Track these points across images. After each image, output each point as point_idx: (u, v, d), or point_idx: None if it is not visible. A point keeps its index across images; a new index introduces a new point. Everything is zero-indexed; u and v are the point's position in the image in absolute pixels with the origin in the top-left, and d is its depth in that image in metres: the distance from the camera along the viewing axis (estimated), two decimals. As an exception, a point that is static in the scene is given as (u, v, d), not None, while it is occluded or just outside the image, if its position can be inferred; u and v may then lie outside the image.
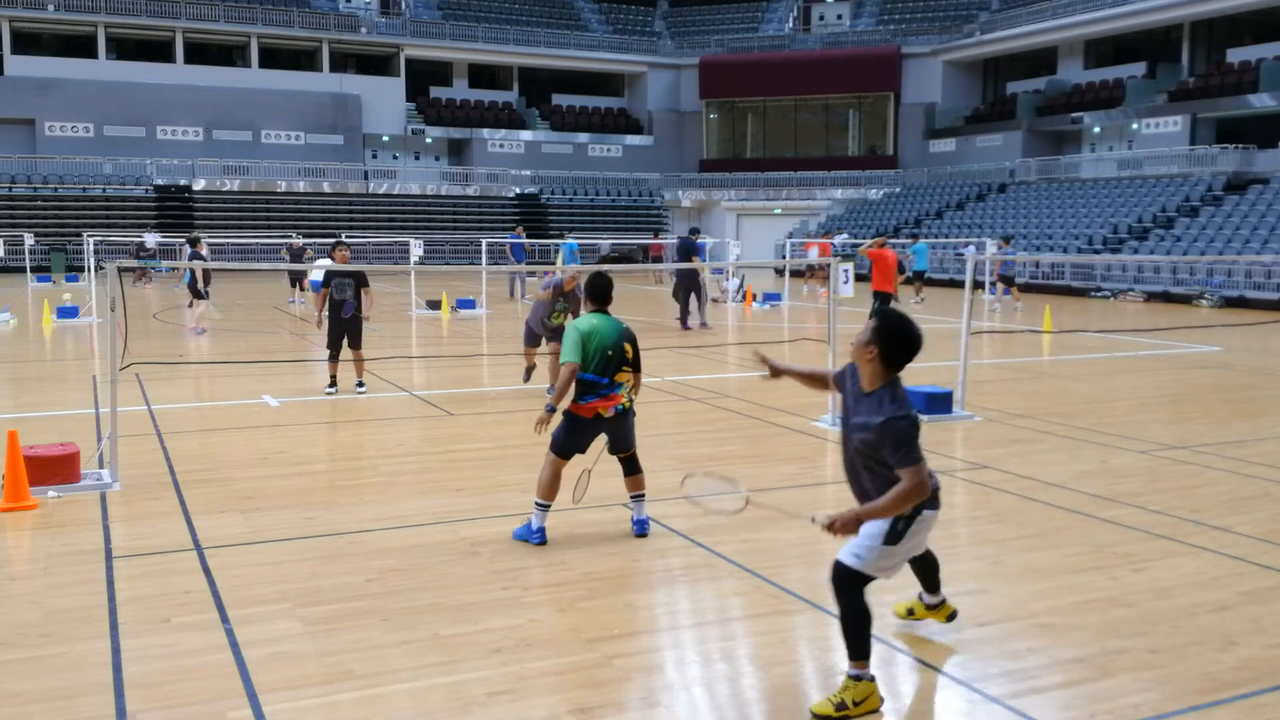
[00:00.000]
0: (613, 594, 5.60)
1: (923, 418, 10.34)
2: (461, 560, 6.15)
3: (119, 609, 5.33)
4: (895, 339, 4.22)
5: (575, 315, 12.50)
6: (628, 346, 6.40)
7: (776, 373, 4.92)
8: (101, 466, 8.12)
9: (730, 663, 4.76)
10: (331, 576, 5.86)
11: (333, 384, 12.15)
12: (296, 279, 27.25)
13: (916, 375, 13.55)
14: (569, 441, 6.39)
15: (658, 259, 41.76)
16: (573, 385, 6.32)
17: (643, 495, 6.64)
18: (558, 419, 6.41)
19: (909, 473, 4.12)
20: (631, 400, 6.48)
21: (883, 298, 16.12)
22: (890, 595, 5.29)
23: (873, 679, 4.27)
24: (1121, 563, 6.10)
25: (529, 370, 12.92)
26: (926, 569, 4.97)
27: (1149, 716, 4.21)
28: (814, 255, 32.28)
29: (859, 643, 4.26)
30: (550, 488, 6.37)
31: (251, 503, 7.42)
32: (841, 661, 4.79)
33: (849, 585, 4.29)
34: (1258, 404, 12.05)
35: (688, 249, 21.39)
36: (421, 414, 11.16)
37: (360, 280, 11.95)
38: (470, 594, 5.57)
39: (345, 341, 12.01)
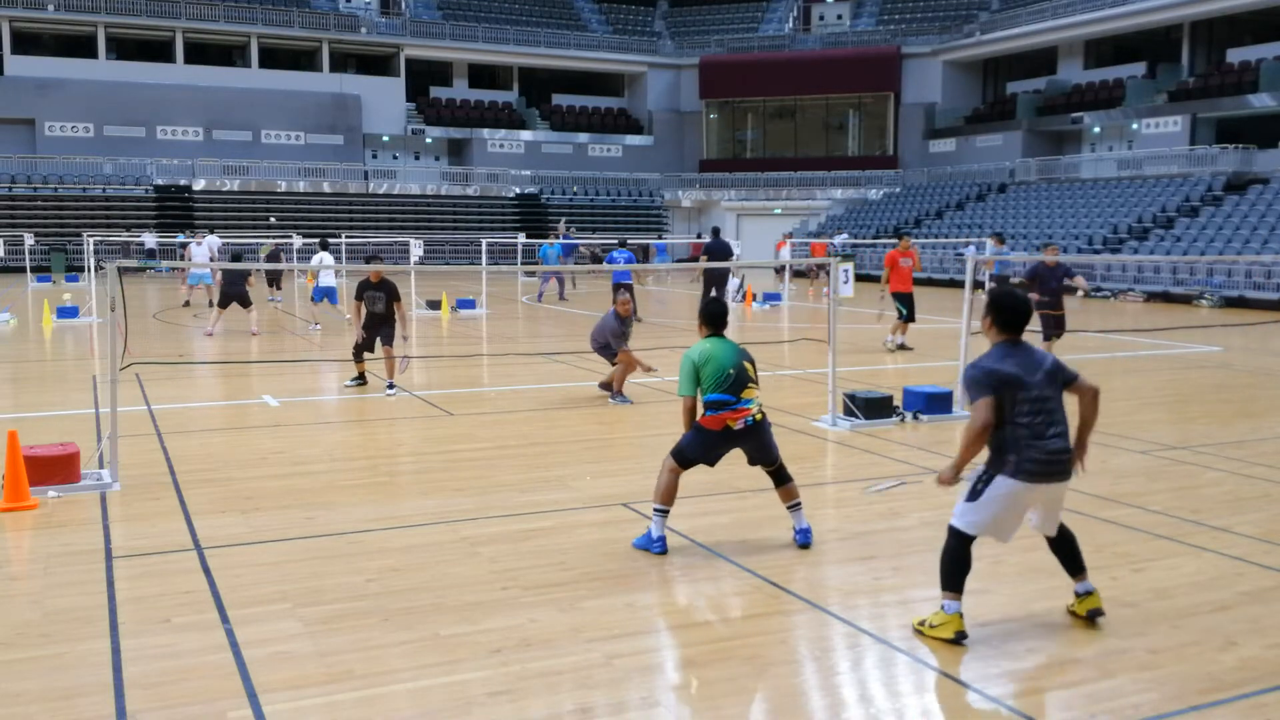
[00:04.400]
0: (613, 594, 5.60)
1: (923, 418, 10.43)
2: (461, 560, 6.15)
3: (119, 609, 5.33)
4: (1000, 309, 5.04)
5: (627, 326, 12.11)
6: (748, 365, 6.23)
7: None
8: (101, 466, 8.12)
9: (730, 663, 4.76)
10: (331, 576, 5.86)
11: (361, 378, 12.47)
12: (274, 279, 27.47)
13: (916, 375, 13.55)
14: (694, 452, 6.20)
15: (698, 259, 41.87)
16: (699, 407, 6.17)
17: (799, 504, 6.41)
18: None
19: (971, 407, 4.92)
20: (764, 413, 6.26)
21: (903, 298, 16.24)
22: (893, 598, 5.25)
23: (954, 612, 4.92)
24: (1121, 563, 6.10)
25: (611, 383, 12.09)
26: (1061, 551, 5.22)
27: (1149, 716, 4.21)
28: (785, 255, 32.22)
29: (946, 576, 5.00)
30: (669, 493, 6.19)
31: (251, 503, 7.42)
32: (842, 662, 4.80)
33: (956, 536, 5.05)
34: (1258, 404, 12.05)
35: (725, 251, 23.07)
36: (421, 414, 11.16)
37: (392, 293, 12.19)
38: (470, 594, 5.57)
39: (378, 341, 12.32)
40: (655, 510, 6.23)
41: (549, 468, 8.56)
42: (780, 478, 6.39)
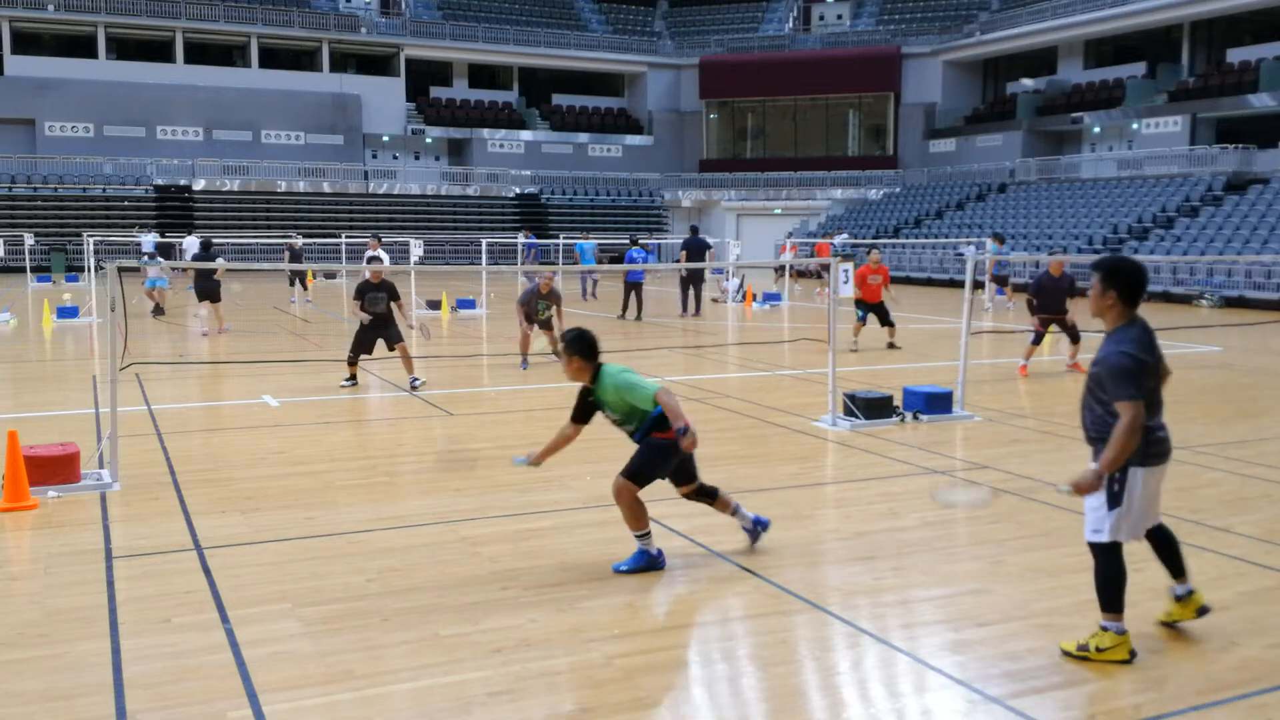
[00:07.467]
0: (613, 594, 5.60)
1: (923, 418, 10.42)
2: (461, 560, 6.15)
3: (119, 609, 5.33)
4: (1130, 279, 4.63)
5: (558, 311, 14.11)
6: None
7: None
8: (101, 466, 8.12)
9: (730, 663, 4.76)
10: (331, 576, 5.86)
11: (352, 379, 12.57)
12: (295, 278, 27.44)
13: (916, 375, 13.56)
14: (655, 469, 5.94)
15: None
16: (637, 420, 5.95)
17: (738, 506, 6.29)
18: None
19: (1124, 407, 4.44)
20: None
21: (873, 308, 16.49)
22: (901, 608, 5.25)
23: (1123, 632, 4.66)
24: (1121, 563, 6.08)
25: (525, 358, 14.30)
26: (1164, 549, 5.00)
27: (1149, 716, 4.21)
28: (786, 257, 32.42)
29: (1109, 597, 4.68)
30: (642, 514, 5.93)
31: (251, 503, 7.42)
32: (842, 662, 4.80)
33: (1104, 552, 4.71)
34: (1258, 404, 12.05)
35: (701, 248, 24.32)
36: (421, 414, 11.16)
37: (392, 293, 12.60)
38: (470, 594, 5.57)
39: (378, 343, 12.50)
40: (638, 537, 5.94)
41: (549, 467, 8.52)
42: (707, 493, 6.20)
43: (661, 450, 5.92)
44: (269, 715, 4.20)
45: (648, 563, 5.96)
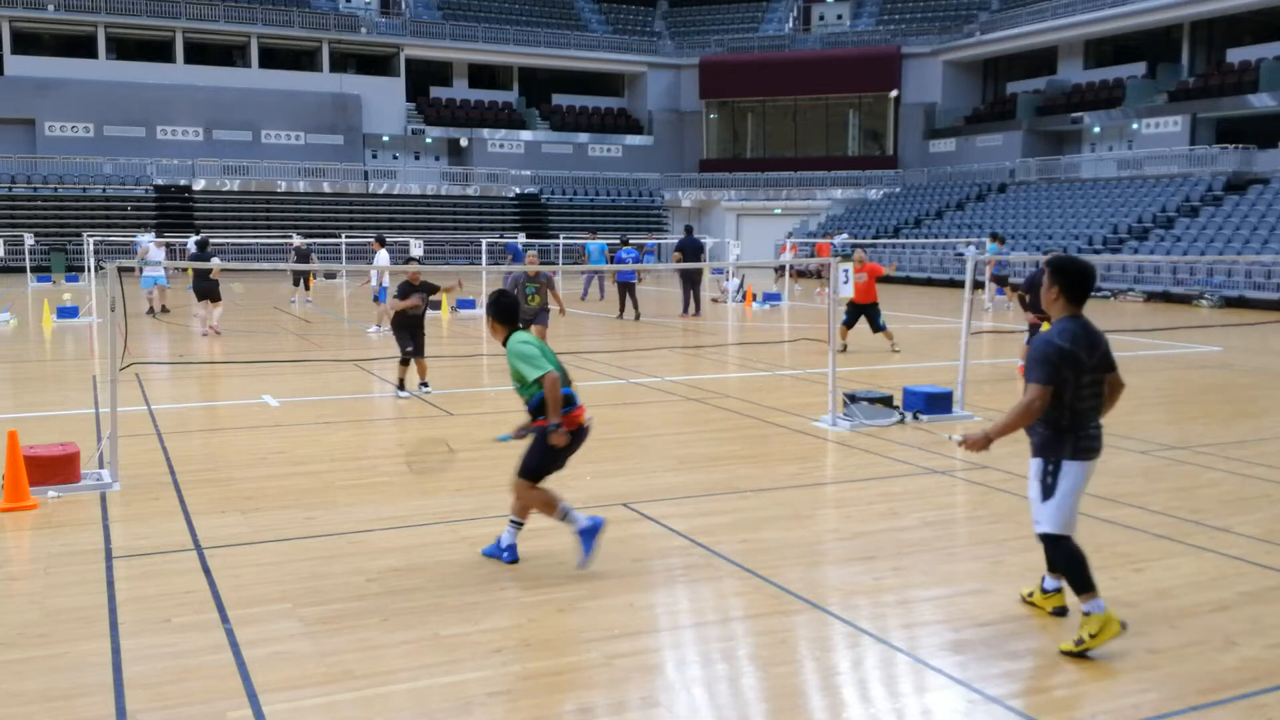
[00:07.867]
0: (613, 594, 5.60)
1: (923, 418, 10.42)
2: (461, 560, 6.15)
3: (119, 609, 5.33)
4: (1073, 277, 4.86)
5: (554, 295, 13.74)
6: None
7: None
8: (101, 466, 8.12)
9: (730, 663, 4.76)
10: (331, 576, 5.86)
11: (402, 386, 12.22)
12: (299, 278, 27.46)
13: (917, 375, 13.56)
14: (549, 462, 5.90)
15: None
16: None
17: (568, 511, 5.94)
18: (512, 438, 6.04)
19: (1028, 389, 4.74)
20: None
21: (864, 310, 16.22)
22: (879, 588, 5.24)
23: (1103, 609, 4.72)
24: (1121, 563, 6.09)
25: None
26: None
27: (1149, 716, 4.21)
28: (787, 256, 32.49)
29: (1077, 580, 4.81)
30: (550, 500, 5.89)
31: (251, 503, 7.42)
32: (842, 662, 4.80)
33: (1052, 543, 4.92)
34: (1258, 404, 12.05)
35: (696, 248, 24.54)
36: (421, 414, 11.15)
37: (432, 291, 12.72)
38: (470, 594, 5.57)
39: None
40: (563, 521, 5.85)
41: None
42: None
43: (544, 441, 5.89)
44: (269, 715, 4.20)
45: (592, 535, 5.81)
